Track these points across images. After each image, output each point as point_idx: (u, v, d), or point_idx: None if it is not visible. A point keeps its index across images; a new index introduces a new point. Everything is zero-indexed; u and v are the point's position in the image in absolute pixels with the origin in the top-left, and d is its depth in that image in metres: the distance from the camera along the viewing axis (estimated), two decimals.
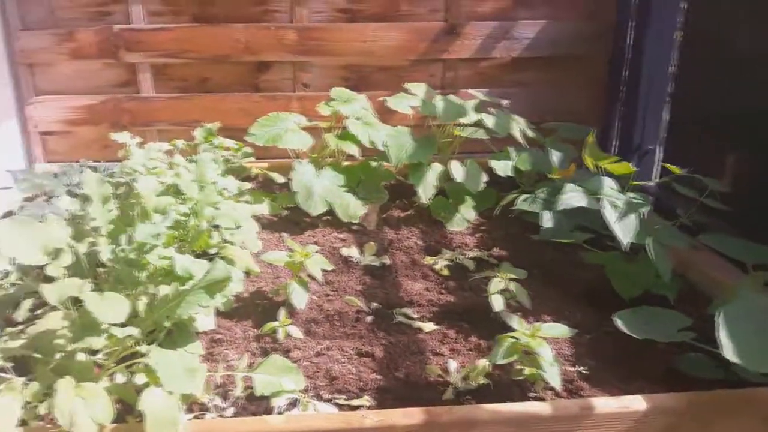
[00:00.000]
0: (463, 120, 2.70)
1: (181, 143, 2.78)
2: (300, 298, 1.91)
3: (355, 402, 1.63)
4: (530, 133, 2.83)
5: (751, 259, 1.98)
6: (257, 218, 2.54)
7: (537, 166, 2.71)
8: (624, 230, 1.94)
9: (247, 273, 2.14)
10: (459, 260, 2.34)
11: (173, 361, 1.46)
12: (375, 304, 2.05)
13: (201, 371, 1.52)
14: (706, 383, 1.68)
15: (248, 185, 2.58)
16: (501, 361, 1.59)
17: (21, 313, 1.79)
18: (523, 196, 2.57)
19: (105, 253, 1.67)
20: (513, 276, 1.97)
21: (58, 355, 1.59)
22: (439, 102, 2.71)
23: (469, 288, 2.18)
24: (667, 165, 2.24)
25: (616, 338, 1.84)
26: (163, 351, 1.46)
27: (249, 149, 2.83)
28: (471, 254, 2.40)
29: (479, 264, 2.35)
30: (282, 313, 1.90)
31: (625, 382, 1.74)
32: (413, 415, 1.49)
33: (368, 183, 2.72)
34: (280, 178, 2.79)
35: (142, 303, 1.69)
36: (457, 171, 2.64)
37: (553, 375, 1.55)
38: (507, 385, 1.69)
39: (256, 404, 1.61)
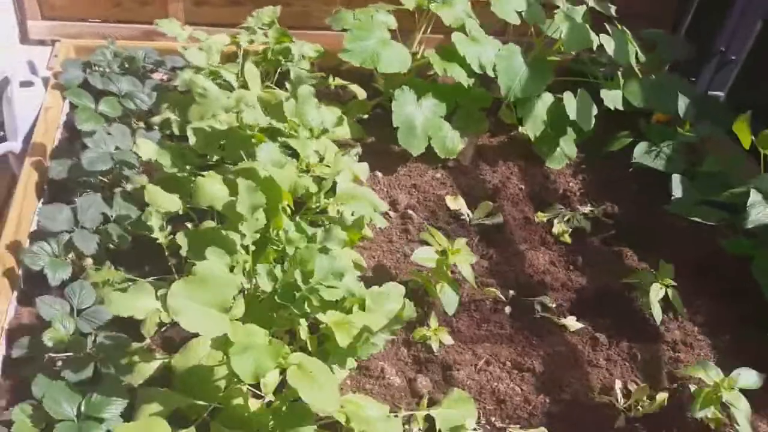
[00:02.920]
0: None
1: (244, 42, 2.28)
2: (452, 303, 1.74)
3: None
4: (642, 57, 2.51)
5: None
6: (339, 146, 2.22)
7: (651, 103, 2.45)
8: None
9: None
10: (578, 222, 2.18)
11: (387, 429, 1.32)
12: (511, 292, 1.91)
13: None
14: None
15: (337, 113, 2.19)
16: (699, 415, 1.55)
17: (148, 328, 1.54)
18: (643, 145, 2.36)
19: (265, 283, 1.40)
20: (671, 283, 1.86)
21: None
22: (562, 21, 2.30)
23: (596, 262, 2.06)
24: None
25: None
26: (380, 421, 1.31)
27: (320, 48, 2.37)
28: (583, 210, 2.23)
29: (595, 225, 2.20)
30: (433, 319, 1.74)
31: None
32: None
33: (466, 109, 2.39)
34: (361, 93, 2.40)
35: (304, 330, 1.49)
36: (570, 105, 2.34)
37: (746, 429, 1.54)
38: (672, 410, 1.67)
39: None
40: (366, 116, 2.44)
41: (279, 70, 2.37)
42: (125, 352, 1.48)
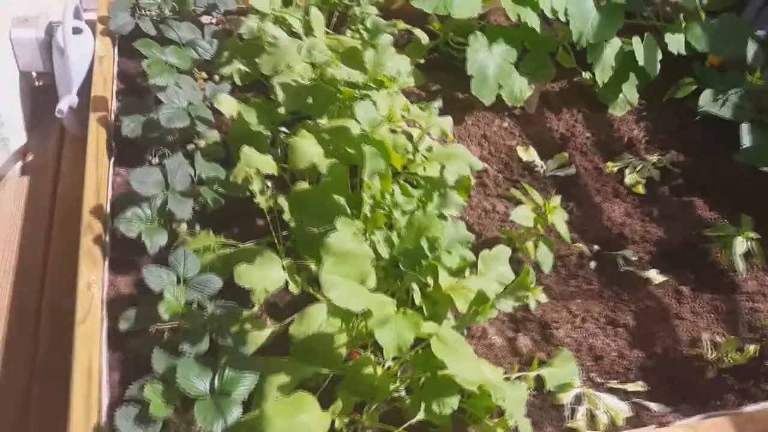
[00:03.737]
0: None
1: None
2: (548, 261, 1.74)
3: (630, 387, 1.62)
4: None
5: None
6: (406, 95, 2.15)
7: (715, 47, 2.39)
8: None
9: None
10: (648, 171, 2.16)
11: (516, 395, 1.34)
12: (595, 247, 1.92)
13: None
14: None
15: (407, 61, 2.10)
16: None
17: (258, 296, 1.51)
18: (709, 92, 2.32)
19: (383, 250, 1.38)
20: (754, 236, 1.87)
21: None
22: None
23: (669, 213, 2.07)
24: None
25: None
26: (509, 388, 1.32)
27: None
28: (651, 159, 2.22)
29: (664, 174, 2.19)
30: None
31: None
32: (722, 426, 1.51)
33: (534, 55, 2.31)
34: (424, 38, 2.29)
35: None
36: (639, 50, 2.28)
37: None
38: (753, 361, 1.72)
39: (541, 398, 1.56)
40: (422, 62, 2.36)
41: (336, 14, 2.26)
42: (236, 321, 1.46)
